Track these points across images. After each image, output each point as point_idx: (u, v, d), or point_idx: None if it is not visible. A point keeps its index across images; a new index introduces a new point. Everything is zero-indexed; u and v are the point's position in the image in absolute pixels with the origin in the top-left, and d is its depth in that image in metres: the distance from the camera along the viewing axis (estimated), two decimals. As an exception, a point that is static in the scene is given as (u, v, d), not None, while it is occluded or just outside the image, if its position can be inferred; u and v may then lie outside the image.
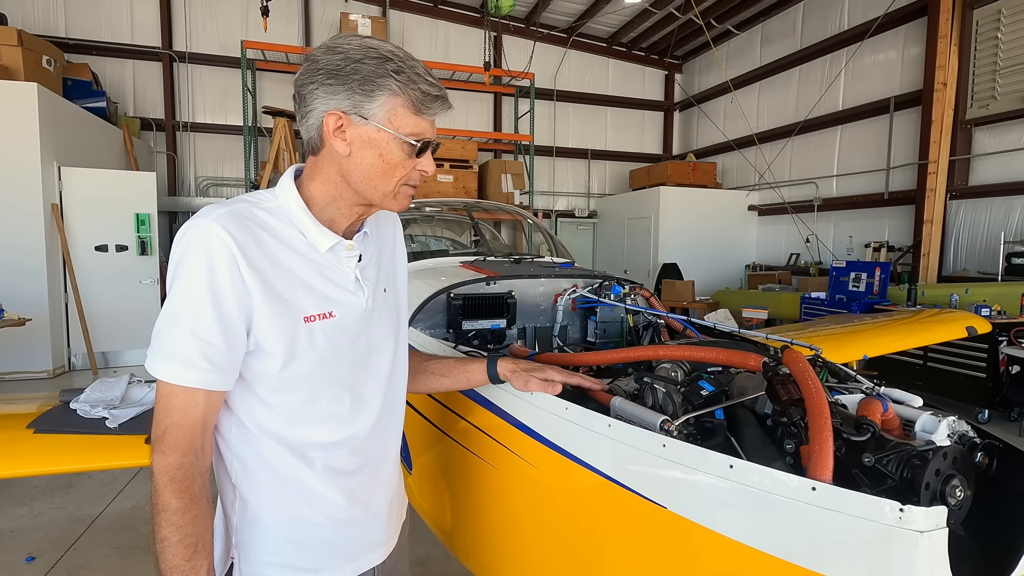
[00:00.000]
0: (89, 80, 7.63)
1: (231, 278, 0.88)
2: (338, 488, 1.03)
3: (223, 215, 0.90)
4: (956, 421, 0.97)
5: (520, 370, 1.24)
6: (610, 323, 2.17)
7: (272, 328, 0.92)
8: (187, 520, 0.89)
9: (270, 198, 0.99)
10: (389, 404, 1.12)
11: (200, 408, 0.90)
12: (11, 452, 1.72)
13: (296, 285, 0.96)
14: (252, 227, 0.93)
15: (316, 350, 0.97)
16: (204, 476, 0.93)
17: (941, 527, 0.73)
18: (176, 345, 0.88)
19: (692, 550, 0.95)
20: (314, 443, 1.00)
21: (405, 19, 10.11)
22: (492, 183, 9.36)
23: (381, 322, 1.10)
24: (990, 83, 6.54)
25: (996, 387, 4.87)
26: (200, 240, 0.88)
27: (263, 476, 0.99)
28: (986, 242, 6.62)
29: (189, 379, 0.88)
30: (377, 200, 1.00)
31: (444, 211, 4.22)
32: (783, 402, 0.98)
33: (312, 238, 0.98)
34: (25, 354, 6.13)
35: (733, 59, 10.40)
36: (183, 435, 0.89)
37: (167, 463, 0.88)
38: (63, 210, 6.48)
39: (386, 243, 1.18)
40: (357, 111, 0.93)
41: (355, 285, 1.03)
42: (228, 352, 0.90)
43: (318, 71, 0.93)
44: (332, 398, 1.01)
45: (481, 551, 1.58)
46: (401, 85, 0.92)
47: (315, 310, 0.97)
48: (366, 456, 1.08)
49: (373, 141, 0.95)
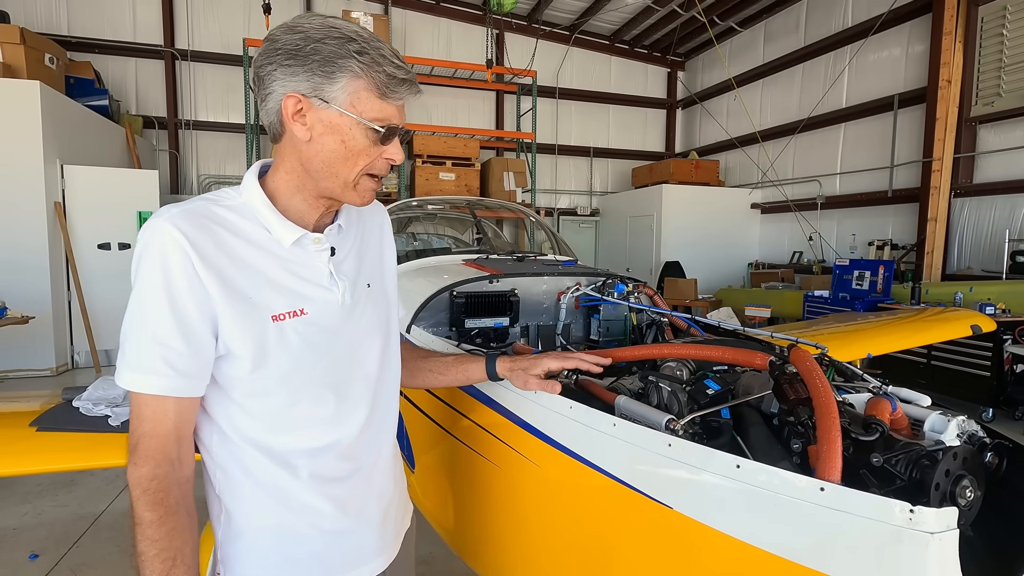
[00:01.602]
0: (91, 78, 7.63)
1: (187, 279, 0.85)
2: (326, 496, 0.98)
3: (177, 214, 0.87)
4: (966, 421, 0.96)
5: (519, 368, 1.21)
6: (613, 321, 2.16)
7: (237, 329, 0.88)
8: (162, 534, 0.85)
9: (234, 195, 0.96)
10: (380, 405, 1.07)
11: (171, 416, 0.87)
12: (14, 450, 1.72)
13: (261, 283, 0.91)
14: (209, 225, 0.89)
15: (289, 350, 0.92)
16: (183, 487, 0.89)
17: (952, 528, 0.72)
18: (138, 352, 0.85)
19: (698, 551, 0.94)
20: (298, 450, 0.96)
21: (407, 17, 10.10)
22: (494, 181, 9.34)
23: (365, 319, 1.05)
24: (995, 80, 6.50)
25: (1000, 386, 4.85)
26: (154, 242, 0.85)
27: (247, 487, 0.95)
28: (990, 240, 6.59)
29: (153, 386, 0.85)
30: (337, 191, 0.94)
31: (447, 209, 4.21)
32: (791, 401, 0.97)
33: (276, 233, 0.94)
34: (28, 352, 6.14)
35: (736, 56, 10.36)
36: (156, 445, 0.86)
37: (140, 474, 0.85)
38: (66, 208, 6.49)
39: (371, 237, 1.13)
40: (317, 94, 0.88)
41: (329, 280, 0.98)
42: (192, 356, 0.86)
43: (277, 51, 0.88)
44: (313, 400, 0.96)
45: (484, 550, 1.58)
46: (364, 67, 0.87)
47: (284, 308, 0.92)
48: (356, 461, 1.02)
49: (335, 126, 0.89)
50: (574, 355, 1.24)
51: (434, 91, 10.21)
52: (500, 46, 10.35)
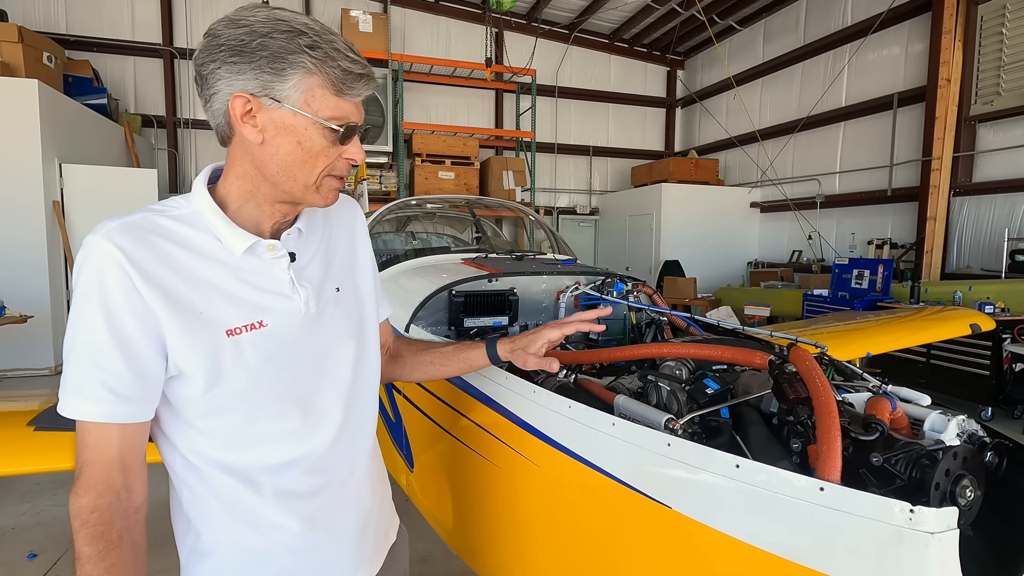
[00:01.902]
0: (90, 77, 7.62)
1: (126, 298, 0.79)
2: (293, 514, 0.93)
3: (114, 228, 0.81)
4: (965, 420, 0.96)
5: (519, 348, 1.17)
6: (612, 320, 2.16)
7: (187, 347, 0.83)
8: (101, 570, 0.79)
9: (183, 203, 0.90)
10: (353, 414, 1.01)
11: (115, 443, 0.81)
12: (12, 450, 1.72)
13: (213, 296, 0.85)
14: (150, 237, 0.83)
15: (247, 366, 0.86)
16: (129, 519, 0.83)
17: (952, 528, 0.72)
18: (76, 377, 0.80)
19: (697, 550, 0.94)
20: (260, 466, 0.90)
21: (406, 15, 10.08)
22: (494, 180, 9.33)
23: (335, 325, 0.99)
24: (994, 79, 6.50)
25: (999, 385, 4.85)
26: (89, 259, 0.80)
27: (213, 506, 0.91)
28: (990, 239, 6.59)
29: (93, 413, 0.80)
30: (298, 194, 0.89)
31: (446, 207, 4.21)
32: (790, 401, 0.97)
33: (226, 242, 0.88)
34: (27, 351, 6.13)
35: (736, 55, 10.35)
36: (99, 474, 0.81)
37: (79, 505, 0.80)
38: (64, 207, 6.48)
39: (340, 236, 1.07)
40: (268, 93, 0.82)
41: (290, 288, 0.92)
42: (135, 380, 0.81)
43: (220, 48, 0.81)
44: (277, 416, 0.91)
45: (483, 549, 1.57)
46: (317, 62, 0.82)
47: (240, 321, 0.86)
48: (326, 475, 0.97)
49: (289, 127, 0.84)
50: (571, 320, 1.20)
51: (433, 90, 10.20)
52: (499, 45, 10.33)
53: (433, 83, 10.05)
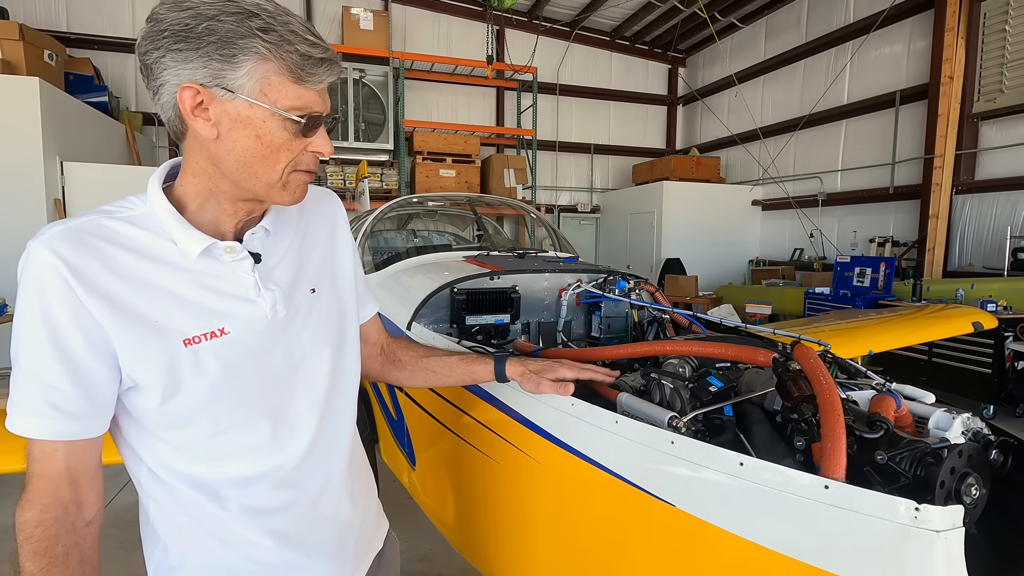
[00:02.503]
0: (91, 75, 7.61)
1: (68, 309, 0.74)
2: (262, 531, 0.89)
3: (55, 235, 0.77)
4: (971, 418, 0.96)
5: (530, 371, 1.14)
6: (615, 318, 2.15)
7: (140, 358, 0.78)
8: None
9: (137, 204, 0.84)
10: (328, 425, 0.96)
11: (61, 459, 0.77)
12: (10, 448, 1.71)
13: (167, 304, 0.80)
14: (95, 243, 0.78)
15: (206, 376, 0.81)
16: (77, 534, 0.79)
17: (958, 526, 0.71)
18: (19, 393, 0.76)
19: (701, 549, 0.93)
20: (225, 480, 0.86)
21: (407, 12, 10.06)
22: (494, 178, 9.32)
23: (309, 329, 0.93)
24: (997, 76, 6.48)
25: (1002, 383, 4.85)
26: (28, 269, 0.75)
27: (180, 519, 0.87)
28: (992, 237, 6.57)
29: (36, 430, 0.76)
30: (261, 192, 0.83)
31: (447, 205, 4.21)
32: (794, 399, 0.96)
33: (181, 244, 0.82)
34: (29, 349, 6.14)
35: (737, 53, 10.32)
36: (44, 488, 0.77)
37: (24, 519, 0.76)
38: (66, 205, 6.47)
39: (317, 233, 1.00)
40: (219, 82, 0.75)
41: (256, 292, 0.86)
42: (80, 395, 0.76)
43: (163, 34, 0.74)
44: (243, 427, 0.86)
45: (484, 547, 1.57)
46: (271, 47, 0.74)
47: (198, 330, 0.81)
48: (298, 489, 0.92)
49: (246, 119, 0.77)
50: (589, 367, 1.19)
51: (434, 87, 10.19)
52: (500, 42, 10.31)
53: (434, 81, 10.04)
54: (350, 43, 8.59)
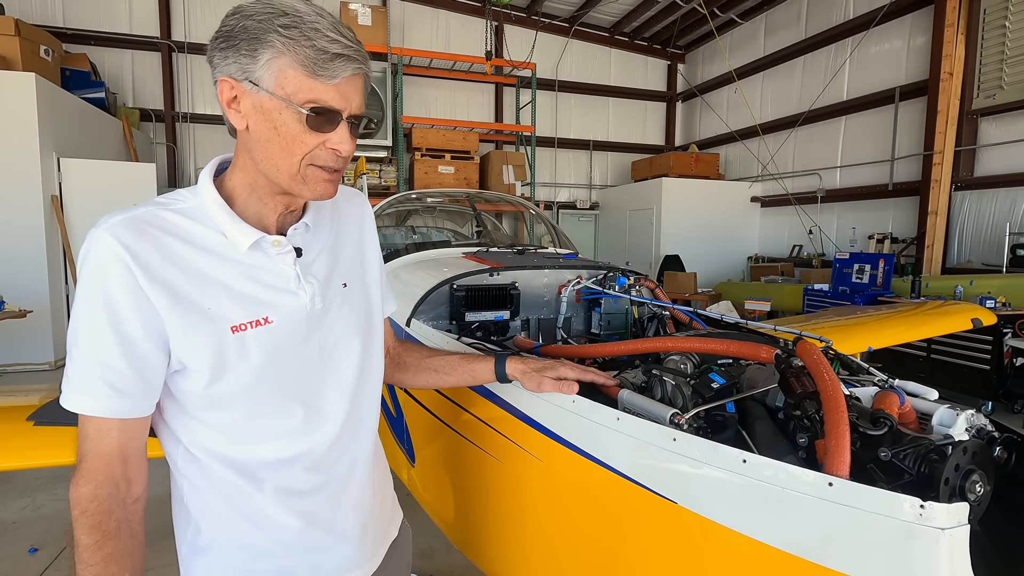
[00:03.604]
0: (87, 70, 7.57)
1: (129, 295, 0.79)
2: (293, 511, 0.93)
3: (117, 223, 0.80)
4: (974, 415, 0.95)
5: (531, 370, 1.15)
6: (614, 315, 2.14)
7: (191, 344, 0.83)
8: (98, 559, 0.80)
9: (189, 197, 0.89)
10: (356, 414, 1.01)
11: (114, 437, 0.82)
12: (12, 444, 1.71)
13: (217, 292, 0.85)
14: (154, 233, 0.82)
15: (250, 362, 0.86)
16: (127, 510, 0.84)
17: (963, 524, 0.71)
18: (78, 372, 0.80)
19: (703, 546, 0.93)
20: (261, 462, 0.90)
21: (406, 9, 10.02)
22: (494, 174, 9.31)
23: (341, 321, 0.98)
24: (997, 73, 6.47)
25: (1000, 379, 4.85)
26: (92, 255, 0.79)
27: (213, 500, 0.91)
28: (991, 233, 6.58)
29: (93, 408, 0.80)
30: (286, 184, 0.86)
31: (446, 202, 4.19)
32: (797, 395, 0.95)
33: (231, 237, 0.87)
34: (26, 346, 6.12)
35: (736, 49, 10.30)
36: (98, 465, 0.82)
37: (79, 495, 0.81)
38: (63, 202, 6.45)
39: (348, 233, 1.06)
40: (246, 76, 0.80)
41: (296, 284, 0.91)
42: (136, 376, 0.81)
43: (216, 36, 0.82)
44: (279, 412, 0.91)
45: (484, 544, 1.57)
46: (288, 41, 0.78)
47: (244, 318, 0.86)
48: (326, 473, 0.96)
49: (265, 111, 0.81)
50: (591, 370, 1.19)
51: (432, 84, 10.16)
52: (499, 38, 10.28)
53: (433, 77, 10.01)
54: (348, 39, 8.55)
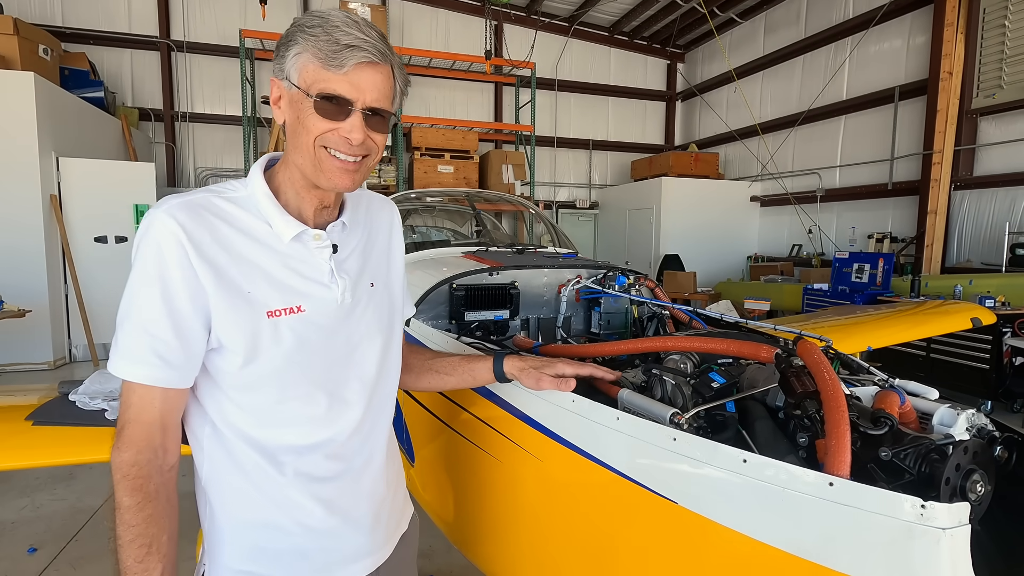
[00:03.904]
0: (86, 70, 7.56)
1: (181, 272, 0.85)
2: (312, 496, 0.97)
3: (176, 205, 0.87)
4: (975, 414, 0.95)
5: (529, 367, 1.17)
6: (614, 314, 2.14)
7: (231, 323, 0.88)
8: (139, 520, 0.85)
9: (239, 187, 0.95)
10: (375, 407, 1.05)
11: (157, 405, 0.87)
12: (10, 444, 1.70)
13: (258, 278, 0.90)
14: (208, 217, 0.89)
15: (282, 347, 0.91)
16: (164, 475, 0.89)
17: (964, 524, 0.70)
18: (128, 341, 0.85)
19: (703, 546, 0.93)
20: (285, 446, 0.95)
21: (405, 8, 10.01)
22: (493, 174, 9.30)
23: (366, 318, 1.03)
24: (996, 72, 6.47)
25: (1000, 378, 4.85)
26: (151, 232, 0.85)
27: (235, 479, 0.95)
28: (990, 233, 6.58)
29: (140, 376, 0.85)
30: (309, 172, 0.92)
31: (445, 201, 4.19)
32: (798, 395, 0.95)
33: (276, 227, 0.93)
34: (26, 346, 6.12)
35: (736, 48, 10.30)
36: (140, 432, 0.87)
37: (122, 459, 0.85)
38: (62, 201, 6.44)
39: (378, 235, 1.12)
40: (281, 73, 0.90)
41: (329, 278, 0.97)
42: (181, 349, 0.86)
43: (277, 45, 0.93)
44: (305, 399, 0.95)
45: (484, 543, 1.57)
46: (308, 37, 0.85)
47: (280, 304, 0.91)
48: (346, 462, 1.01)
49: (292, 101, 0.90)
50: (589, 364, 1.20)
51: (432, 83, 10.15)
52: (499, 37, 10.27)
53: (432, 76, 10.00)
54: (347, 38, 8.55)
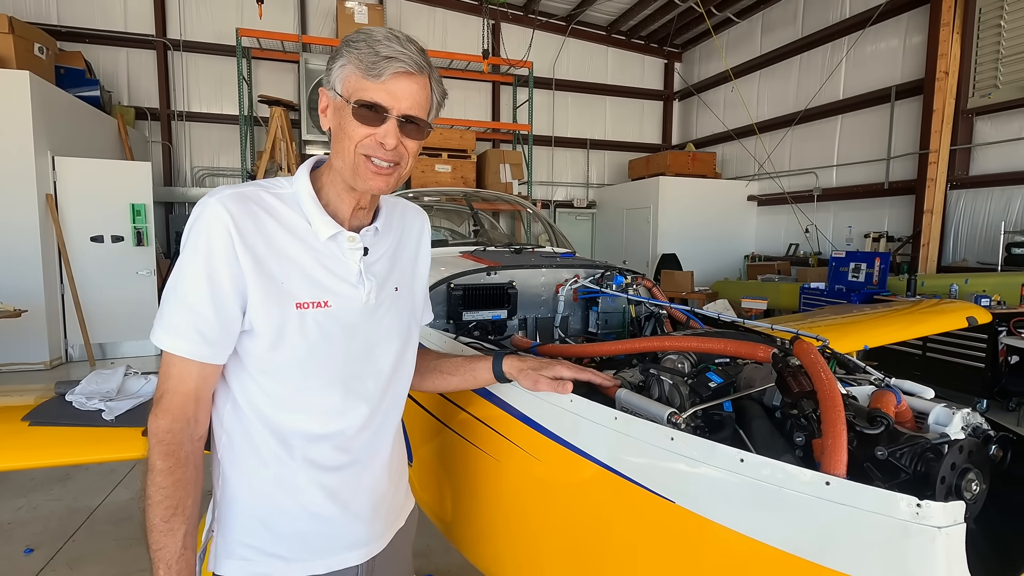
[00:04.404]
0: (82, 68, 7.53)
1: (226, 255, 0.91)
2: (316, 483, 1.02)
3: (228, 196, 0.94)
4: (970, 413, 0.95)
5: (528, 368, 1.19)
6: (612, 314, 2.15)
7: (263, 309, 0.94)
8: (169, 483, 0.92)
9: (285, 184, 1.02)
10: (385, 406, 1.11)
11: (193, 378, 0.94)
12: (7, 445, 1.69)
13: (292, 270, 0.97)
14: (255, 209, 0.95)
15: (306, 337, 0.97)
16: (194, 444, 0.95)
17: (959, 523, 0.71)
18: (172, 316, 0.92)
19: (701, 545, 0.93)
20: (298, 432, 1.00)
21: (402, 7, 10.00)
22: (490, 173, 9.30)
23: (387, 320, 1.08)
24: (992, 72, 6.49)
25: (995, 377, 4.88)
26: (203, 218, 0.92)
27: (248, 456, 1.01)
28: (986, 232, 6.61)
29: (181, 349, 0.92)
30: (348, 176, 0.99)
31: (443, 200, 4.19)
32: (795, 394, 0.96)
33: (315, 225, 0.99)
34: (22, 346, 6.10)
35: (733, 48, 10.31)
36: (176, 402, 0.93)
37: (158, 425, 0.92)
38: (58, 200, 6.42)
39: (408, 243, 1.17)
40: (328, 84, 0.97)
41: (357, 279, 1.02)
42: (220, 327, 0.93)
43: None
44: (322, 389, 1.01)
45: (482, 543, 1.57)
46: (353, 51, 0.93)
47: (309, 297, 0.97)
48: (352, 455, 1.06)
49: (336, 108, 0.97)
50: (588, 370, 1.22)
51: (430, 82, 10.12)
52: (496, 36, 10.26)
53: (429, 75, 9.97)
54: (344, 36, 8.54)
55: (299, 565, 1.03)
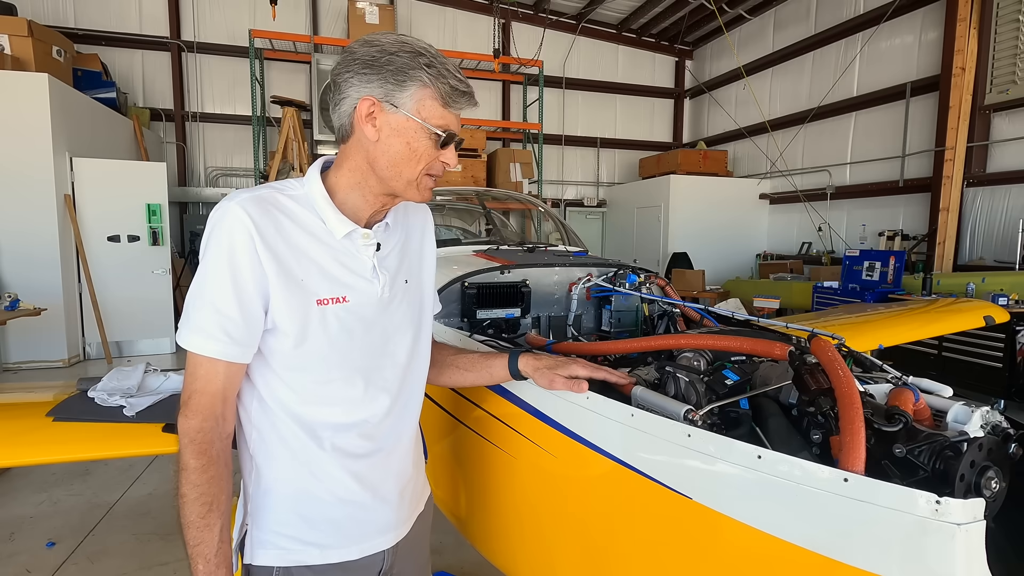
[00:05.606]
0: (99, 71, 7.64)
1: (249, 258, 0.94)
2: (346, 470, 1.07)
3: (247, 199, 0.96)
4: (989, 411, 0.95)
5: (543, 367, 1.20)
6: (625, 312, 2.15)
7: (286, 307, 0.97)
8: (204, 480, 0.95)
9: (297, 186, 1.05)
10: (405, 394, 1.15)
11: (220, 378, 0.96)
12: (31, 440, 1.73)
13: (311, 268, 1.00)
14: (273, 211, 0.98)
15: (328, 333, 1.01)
16: (224, 442, 0.98)
17: (979, 520, 0.71)
18: (199, 317, 0.94)
19: (718, 541, 0.94)
20: (325, 423, 1.04)
21: (413, 7, 10.03)
22: (501, 172, 9.31)
23: (400, 312, 1.12)
24: (1010, 67, 6.40)
25: (1013, 377, 4.81)
26: (224, 222, 0.95)
27: (278, 450, 1.04)
28: (1003, 230, 6.51)
29: (209, 349, 0.94)
30: (400, 188, 1.03)
31: (455, 200, 4.20)
32: (812, 392, 0.96)
33: (330, 224, 1.03)
34: (41, 343, 6.21)
35: (745, 45, 10.24)
36: (205, 401, 0.96)
37: (188, 425, 0.95)
38: (75, 201, 6.52)
39: (414, 236, 1.21)
40: (389, 99, 0.98)
41: (372, 273, 1.06)
42: (245, 326, 0.95)
43: (354, 60, 0.99)
44: (344, 381, 1.04)
45: (497, 539, 1.58)
46: (432, 78, 0.98)
47: (328, 294, 1.01)
48: (377, 442, 1.10)
49: (402, 129, 0.99)
50: (604, 368, 1.23)
51: (440, 82, 10.15)
52: (506, 35, 10.27)
53: (440, 75, 10.00)
54: (355, 37, 8.54)
55: (333, 552, 1.07)
